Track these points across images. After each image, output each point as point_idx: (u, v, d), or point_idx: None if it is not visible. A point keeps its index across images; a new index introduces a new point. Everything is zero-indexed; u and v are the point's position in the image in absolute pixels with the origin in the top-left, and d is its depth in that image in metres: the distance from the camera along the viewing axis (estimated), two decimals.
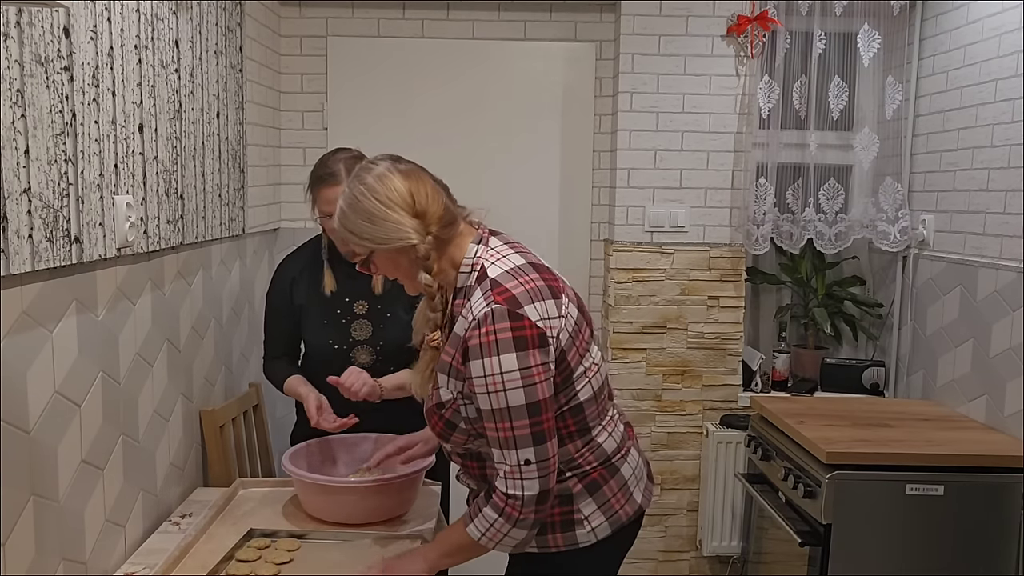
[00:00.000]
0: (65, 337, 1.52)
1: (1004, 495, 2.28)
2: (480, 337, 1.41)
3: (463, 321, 1.47)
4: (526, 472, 1.44)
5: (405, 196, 1.47)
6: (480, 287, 1.47)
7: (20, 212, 1.34)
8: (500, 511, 1.46)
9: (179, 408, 2.12)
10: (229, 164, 2.50)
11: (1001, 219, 2.54)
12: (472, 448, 1.59)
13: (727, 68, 3.09)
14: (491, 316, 1.41)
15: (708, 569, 3.30)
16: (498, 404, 1.42)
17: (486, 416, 1.45)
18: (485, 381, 1.42)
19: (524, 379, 1.41)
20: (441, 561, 1.58)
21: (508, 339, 1.40)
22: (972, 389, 2.67)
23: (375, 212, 1.46)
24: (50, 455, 1.47)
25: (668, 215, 3.14)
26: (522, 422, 1.42)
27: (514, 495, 1.45)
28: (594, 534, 1.57)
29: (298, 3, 3.18)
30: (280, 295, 2.25)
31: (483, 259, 1.51)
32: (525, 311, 1.42)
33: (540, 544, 1.57)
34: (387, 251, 1.49)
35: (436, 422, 1.57)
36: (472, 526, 1.51)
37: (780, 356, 3.24)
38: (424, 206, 1.48)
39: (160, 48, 1.92)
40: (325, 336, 2.20)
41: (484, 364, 1.41)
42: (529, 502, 1.45)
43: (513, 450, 1.43)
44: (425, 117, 3.22)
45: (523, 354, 1.41)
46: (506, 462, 1.45)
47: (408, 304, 2.25)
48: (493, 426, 1.44)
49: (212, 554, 1.72)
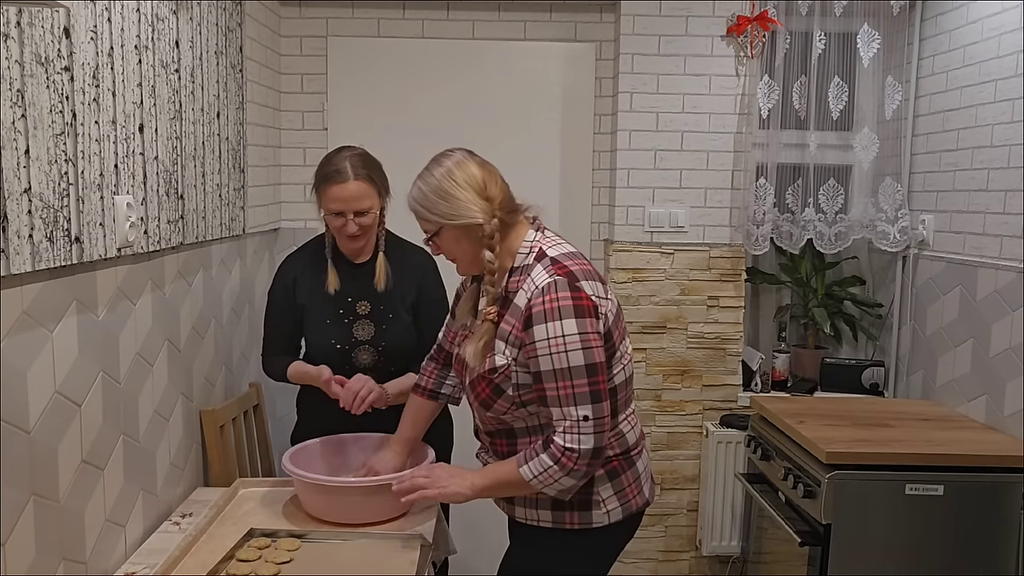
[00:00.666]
0: (65, 337, 1.52)
1: (1004, 495, 2.28)
2: (544, 304, 1.58)
3: (523, 294, 1.63)
4: (583, 428, 1.58)
5: (479, 181, 1.67)
6: (540, 263, 1.65)
7: (20, 212, 1.34)
8: (556, 460, 1.59)
9: (179, 408, 2.12)
10: (229, 164, 2.50)
11: (1001, 219, 2.54)
12: (508, 421, 1.71)
13: (727, 68, 3.09)
14: (554, 286, 1.59)
15: (708, 569, 3.31)
16: (560, 364, 1.57)
17: (547, 377, 1.59)
18: (548, 343, 1.57)
19: (583, 342, 1.57)
20: (485, 490, 1.71)
21: (569, 306, 1.57)
22: (972, 389, 2.67)
23: (451, 192, 1.64)
24: (50, 455, 1.47)
25: (668, 215, 3.14)
26: (581, 381, 1.57)
27: (572, 448, 1.58)
28: (607, 517, 1.71)
29: (298, 3, 3.18)
30: (282, 293, 2.25)
31: (540, 243, 1.70)
32: (582, 285, 1.61)
33: (556, 520, 1.71)
34: (455, 228, 1.66)
35: (483, 388, 1.69)
36: (526, 467, 1.62)
37: (780, 356, 3.24)
38: (493, 193, 1.67)
39: (160, 48, 1.92)
40: (327, 336, 2.20)
41: (548, 328, 1.57)
42: (585, 455, 1.58)
43: (573, 407, 1.58)
44: (425, 117, 3.22)
45: (581, 320, 1.57)
46: (565, 419, 1.59)
47: (410, 305, 2.25)
48: (554, 385, 1.58)
49: (212, 554, 1.72)
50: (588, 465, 1.60)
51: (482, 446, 1.89)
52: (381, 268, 2.20)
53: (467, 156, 1.71)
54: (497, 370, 1.66)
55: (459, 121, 3.23)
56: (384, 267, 2.20)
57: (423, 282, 2.27)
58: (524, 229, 1.73)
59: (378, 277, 2.19)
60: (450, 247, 1.71)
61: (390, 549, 1.79)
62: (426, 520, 1.95)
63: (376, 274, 2.19)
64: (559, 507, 1.70)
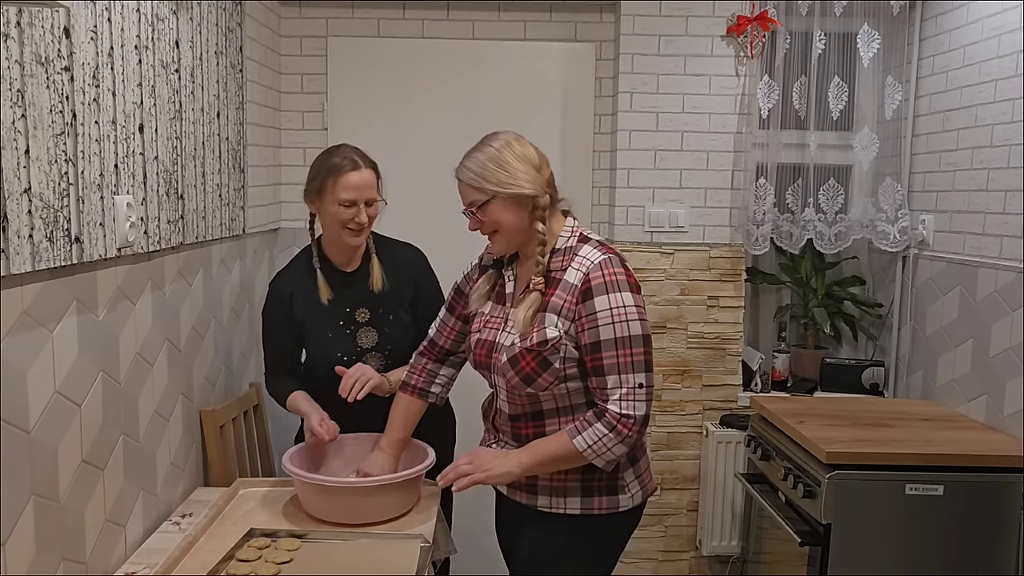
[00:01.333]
0: (65, 337, 1.52)
1: (1004, 495, 2.28)
2: (604, 277, 1.69)
3: (574, 271, 1.72)
4: (639, 395, 1.67)
5: (535, 157, 1.77)
6: (588, 244, 1.76)
7: (20, 212, 1.34)
8: (612, 427, 1.67)
9: (179, 408, 2.12)
10: (229, 164, 2.50)
11: (1001, 219, 2.54)
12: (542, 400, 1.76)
13: (727, 68, 3.09)
14: (611, 261, 1.71)
15: (708, 569, 3.31)
16: (622, 333, 1.67)
17: (606, 346, 1.67)
18: (611, 313, 1.67)
19: (640, 314, 1.69)
20: (534, 467, 1.74)
21: (625, 280, 1.70)
22: (972, 389, 2.67)
23: (510, 162, 1.73)
24: (50, 455, 1.48)
25: (668, 215, 3.14)
26: (639, 349, 1.68)
27: (628, 414, 1.67)
28: (632, 500, 1.80)
29: (298, 3, 3.18)
30: (279, 310, 2.22)
31: (581, 229, 1.81)
32: (628, 265, 1.74)
33: (584, 506, 1.77)
34: (507, 197, 1.73)
35: (529, 361, 1.73)
36: (580, 438, 1.69)
37: (780, 356, 3.24)
38: (546, 172, 1.79)
39: (160, 48, 1.92)
40: (332, 348, 2.19)
41: (610, 299, 1.67)
42: (639, 421, 1.68)
43: (631, 374, 1.67)
44: (425, 117, 3.22)
45: (635, 295, 1.70)
46: (622, 386, 1.67)
47: (408, 303, 2.25)
48: (613, 353, 1.67)
49: (212, 554, 1.72)
50: (639, 433, 1.69)
51: (493, 434, 1.90)
52: (376, 269, 2.20)
53: (521, 136, 1.81)
54: (548, 342, 1.71)
55: (459, 121, 3.22)
56: (378, 267, 2.20)
57: (419, 278, 2.27)
58: (561, 216, 1.82)
59: (374, 278, 2.19)
60: (497, 218, 1.75)
61: (390, 549, 1.79)
62: (426, 520, 1.95)
63: (371, 277, 2.19)
64: (588, 493, 1.76)
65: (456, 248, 2.25)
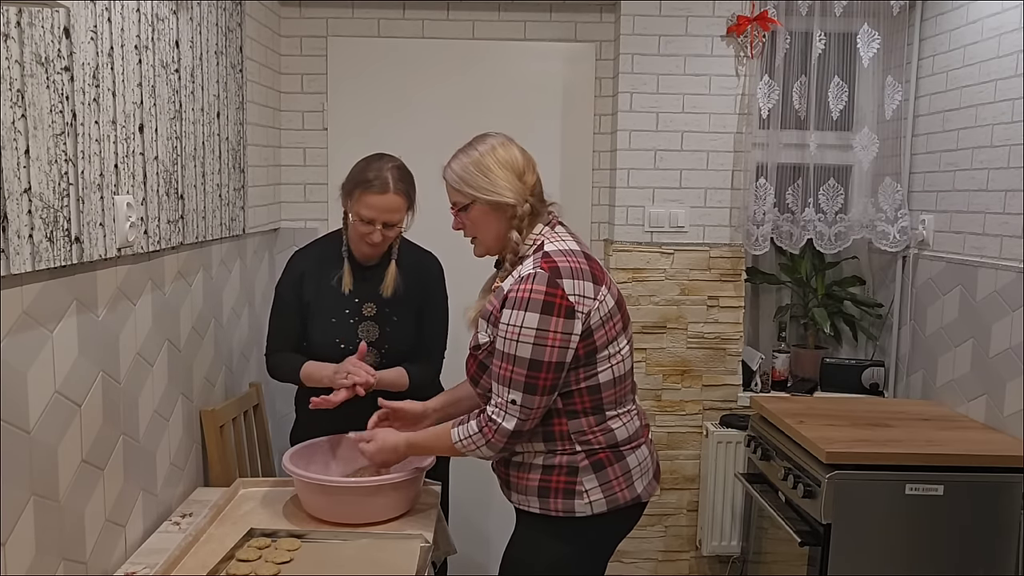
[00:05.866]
0: (65, 337, 1.52)
1: (1004, 495, 2.28)
2: (518, 292, 1.66)
3: (511, 279, 1.71)
4: (510, 409, 1.69)
5: (519, 164, 1.77)
6: (533, 256, 1.73)
7: (20, 212, 1.34)
8: (480, 428, 1.73)
9: (179, 408, 2.12)
10: (229, 164, 2.50)
11: (1001, 219, 2.54)
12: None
13: (727, 68, 3.09)
14: (533, 277, 1.66)
15: (708, 569, 3.31)
16: (508, 349, 1.67)
17: (497, 355, 1.70)
18: (507, 328, 1.67)
19: (537, 338, 1.65)
20: (416, 447, 1.88)
21: (539, 300, 1.64)
22: (972, 389, 2.67)
23: (491, 167, 1.73)
24: (50, 455, 1.48)
25: (668, 215, 3.14)
26: (521, 370, 1.66)
27: (494, 421, 1.70)
28: (590, 507, 1.75)
29: (298, 3, 3.18)
30: (290, 287, 2.24)
31: (544, 238, 1.77)
32: (562, 283, 1.66)
33: (543, 506, 1.77)
34: (487, 203, 1.74)
35: (471, 363, 1.81)
36: (456, 430, 1.77)
37: (780, 356, 3.24)
38: (529, 179, 1.77)
39: (160, 48, 1.92)
40: (332, 335, 2.20)
41: (512, 314, 1.66)
42: (503, 433, 1.70)
43: (506, 388, 1.69)
44: (425, 117, 3.22)
45: (546, 317, 1.64)
46: (499, 395, 1.70)
47: (415, 309, 2.26)
48: (498, 364, 1.70)
49: (212, 554, 1.72)
50: (505, 443, 1.71)
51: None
52: (391, 275, 2.20)
53: (509, 139, 1.80)
54: (480, 347, 1.76)
55: (459, 121, 3.21)
56: (394, 274, 2.21)
57: (429, 285, 2.29)
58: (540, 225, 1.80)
59: (386, 283, 2.20)
60: (476, 223, 1.78)
61: (390, 549, 1.79)
62: (426, 520, 1.95)
63: (385, 280, 2.20)
64: (544, 494, 1.76)
65: (454, 249, 2.25)
